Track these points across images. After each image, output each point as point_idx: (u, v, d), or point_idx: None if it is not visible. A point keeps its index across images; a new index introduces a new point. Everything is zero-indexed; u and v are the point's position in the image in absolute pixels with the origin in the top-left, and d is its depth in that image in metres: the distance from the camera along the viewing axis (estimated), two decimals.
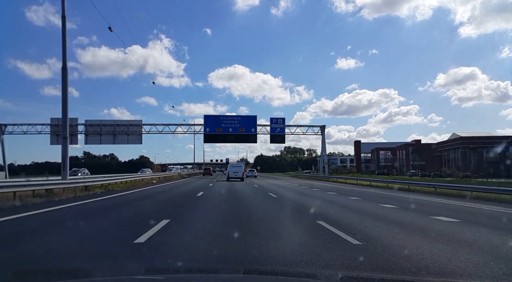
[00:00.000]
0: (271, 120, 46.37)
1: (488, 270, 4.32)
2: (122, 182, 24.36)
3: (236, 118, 45.63)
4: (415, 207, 12.79)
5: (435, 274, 4.12)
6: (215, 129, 44.83)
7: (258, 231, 6.86)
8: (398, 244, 5.88)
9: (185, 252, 5.03)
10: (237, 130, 44.95)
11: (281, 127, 45.85)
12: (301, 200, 15.46)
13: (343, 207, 12.30)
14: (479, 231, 7.54)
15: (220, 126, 44.83)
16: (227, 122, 45.01)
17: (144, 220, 8.08)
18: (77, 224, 7.89)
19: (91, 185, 18.35)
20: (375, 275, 4.05)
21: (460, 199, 16.47)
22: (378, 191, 22.44)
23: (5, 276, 4.09)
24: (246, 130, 44.84)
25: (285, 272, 4.08)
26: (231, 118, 45.51)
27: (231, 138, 45.51)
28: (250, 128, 45.00)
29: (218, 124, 44.92)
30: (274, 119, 46.43)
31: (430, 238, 6.54)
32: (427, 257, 4.94)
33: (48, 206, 11.11)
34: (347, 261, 4.59)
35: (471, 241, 6.32)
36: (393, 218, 9.34)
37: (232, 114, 47.11)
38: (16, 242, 5.89)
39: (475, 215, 10.88)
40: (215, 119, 45.48)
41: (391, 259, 4.80)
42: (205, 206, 12.44)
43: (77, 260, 4.72)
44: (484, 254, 5.21)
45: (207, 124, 45.08)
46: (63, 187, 15.62)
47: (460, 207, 13.02)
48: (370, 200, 15.47)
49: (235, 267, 4.25)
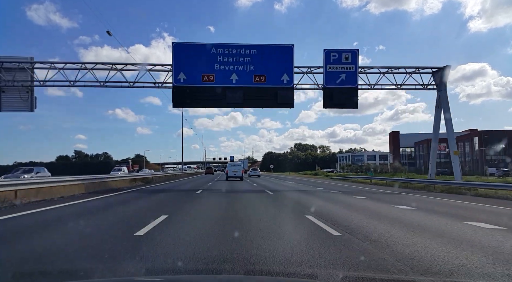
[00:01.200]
0: (327, 56, 20.14)
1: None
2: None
3: (246, 51, 20.21)
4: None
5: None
6: (199, 77, 19.71)
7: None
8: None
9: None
10: (251, 79, 19.84)
11: (351, 72, 19.95)
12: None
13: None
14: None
15: (210, 70, 19.72)
16: (226, 60, 19.87)
17: None
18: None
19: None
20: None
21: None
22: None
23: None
24: (269, 80, 19.80)
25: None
26: (235, 52, 20.13)
27: (237, 95, 19.88)
28: (279, 75, 19.97)
29: (207, 66, 19.83)
30: (334, 53, 20.17)
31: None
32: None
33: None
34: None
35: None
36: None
37: (237, 43, 20.19)
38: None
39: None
40: (198, 55, 20.14)
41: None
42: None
43: None
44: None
45: (181, 64, 19.97)
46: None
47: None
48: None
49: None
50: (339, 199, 13.63)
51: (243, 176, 34.03)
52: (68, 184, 14.78)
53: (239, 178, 32.76)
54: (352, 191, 17.58)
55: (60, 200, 11.67)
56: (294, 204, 11.75)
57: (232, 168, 33.90)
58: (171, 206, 10.74)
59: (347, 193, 16.62)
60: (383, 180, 28.81)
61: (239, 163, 37.97)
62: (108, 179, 20.16)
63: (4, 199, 10.03)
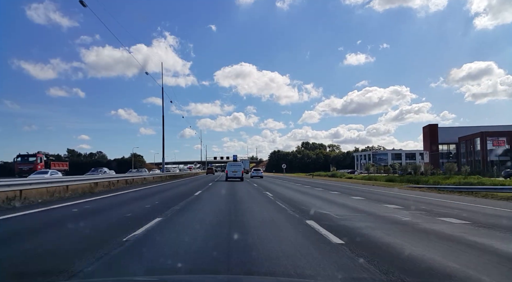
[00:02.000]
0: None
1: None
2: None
3: None
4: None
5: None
6: None
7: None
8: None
9: None
10: None
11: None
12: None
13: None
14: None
15: None
16: None
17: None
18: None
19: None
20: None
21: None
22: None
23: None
24: None
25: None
26: None
27: None
28: None
29: None
30: None
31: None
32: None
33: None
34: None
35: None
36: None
37: None
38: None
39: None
40: None
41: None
42: None
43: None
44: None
45: None
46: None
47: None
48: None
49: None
50: None
51: (243, 176, 33.34)
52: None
53: (239, 178, 32.10)
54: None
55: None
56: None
57: (232, 168, 33.32)
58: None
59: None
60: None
61: (239, 163, 37.45)
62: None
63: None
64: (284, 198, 14.68)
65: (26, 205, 10.96)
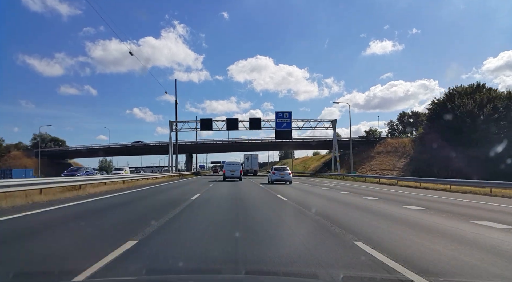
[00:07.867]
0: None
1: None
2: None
3: None
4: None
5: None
6: None
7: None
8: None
9: None
10: None
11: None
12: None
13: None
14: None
15: None
16: None
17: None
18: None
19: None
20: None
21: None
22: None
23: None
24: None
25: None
26: None
27: None
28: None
29: None
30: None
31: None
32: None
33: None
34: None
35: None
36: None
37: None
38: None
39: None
40: None
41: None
42: None
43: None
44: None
45: None
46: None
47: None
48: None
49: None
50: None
51: (241, 176, 33.28)
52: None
53: (238, 178, 32.26)
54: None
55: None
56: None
57: (230, 167, 33.41)
58: None
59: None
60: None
61: (237, 162, 37.11)
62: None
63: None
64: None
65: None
